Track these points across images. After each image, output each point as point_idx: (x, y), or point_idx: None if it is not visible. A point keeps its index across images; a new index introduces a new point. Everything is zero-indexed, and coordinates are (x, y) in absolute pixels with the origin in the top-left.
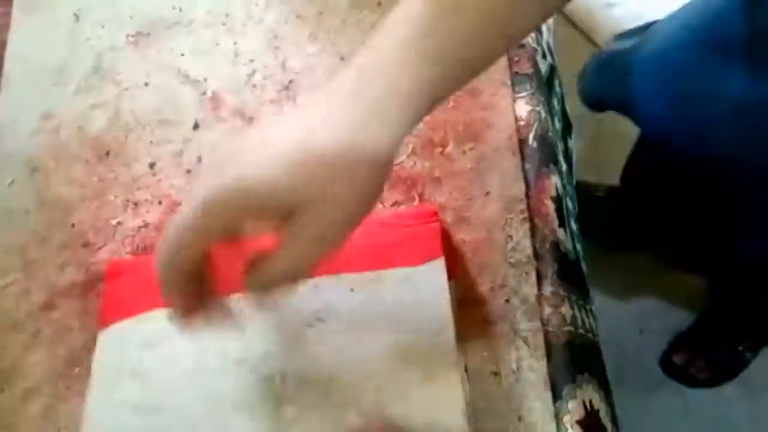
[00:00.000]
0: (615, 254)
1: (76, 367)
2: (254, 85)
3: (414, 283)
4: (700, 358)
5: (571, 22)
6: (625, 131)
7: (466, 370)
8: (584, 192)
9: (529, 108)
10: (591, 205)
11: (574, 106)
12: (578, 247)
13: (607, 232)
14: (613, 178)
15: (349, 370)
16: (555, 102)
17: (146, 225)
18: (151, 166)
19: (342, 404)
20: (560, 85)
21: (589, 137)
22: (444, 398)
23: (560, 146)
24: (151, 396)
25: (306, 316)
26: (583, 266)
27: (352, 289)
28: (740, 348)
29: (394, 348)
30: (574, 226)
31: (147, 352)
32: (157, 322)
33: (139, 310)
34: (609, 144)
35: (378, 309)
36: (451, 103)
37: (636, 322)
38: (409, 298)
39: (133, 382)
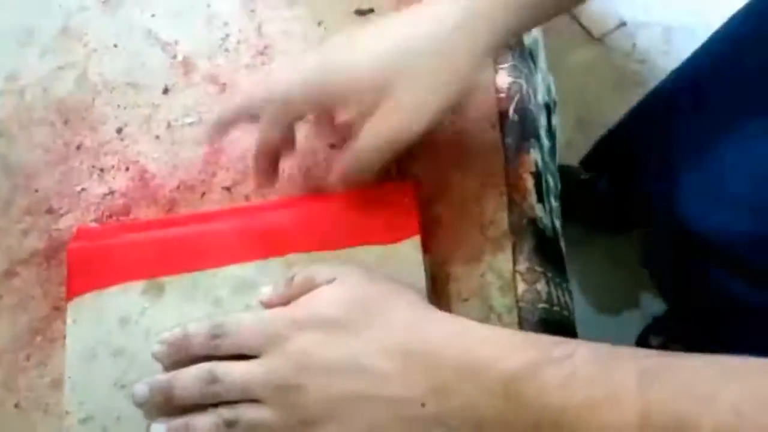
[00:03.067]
0: (594, 238)
1: (38, 336)
2: (227, 50)
3: (389, 262)
4: (676, 342)
5: None
6: (608, 115)
7: None
8: (567, 175)
9: (510, 80)
10: (573, 189)
11: (558, 88)
12: (557, 224)
13: (588, 216)
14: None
15: None
16: (539, 77)
17: (112, 192)
18: (119, 131)
19: None
20: (545, 61)
21: (572, 121)
22: None
23: (543, 122)
24: (131, 373)
25: None
26: (562, 244)
27: None
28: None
29: None
30: (554, 203)
31: (123, 329)
32: (130, 296)
33: (108, 281)
34: (592, 128)
35: None
36: None
37: (613, 304)
38: None
39: (113, 359)
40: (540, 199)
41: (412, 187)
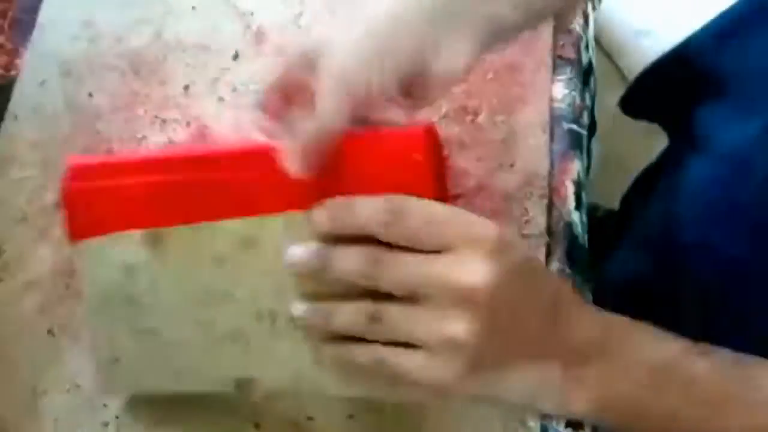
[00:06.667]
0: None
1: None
2: (300, 26)
3: None
4: None
5: (599, 45)
6: (630, 155)
7: None
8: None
9: (565, 92)
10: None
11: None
12: (586, 237)
13: (600, 255)
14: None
15: None
16: (587, 97)
17: (171, 142)
18: (186, 88)
19: None
20: (594, 84)
21: (595, 158)
22: None
23: (585, 141)
24: (144, 320)
25: None
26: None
27: None
28: None
29: None
30: (584, 218)
31: (130, 278)
32: (129, 245)
33: (108, 227)
34: (613, 167)
35: None
36: (490, 75)
37: None
38: None
39: (125, 306)
40: (577, 207)
41: (424, 136)
